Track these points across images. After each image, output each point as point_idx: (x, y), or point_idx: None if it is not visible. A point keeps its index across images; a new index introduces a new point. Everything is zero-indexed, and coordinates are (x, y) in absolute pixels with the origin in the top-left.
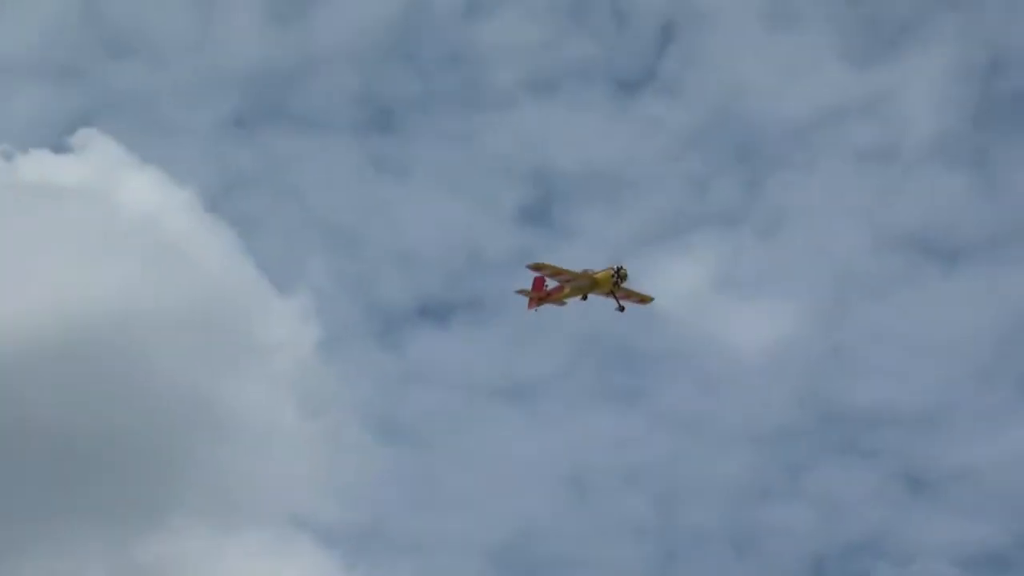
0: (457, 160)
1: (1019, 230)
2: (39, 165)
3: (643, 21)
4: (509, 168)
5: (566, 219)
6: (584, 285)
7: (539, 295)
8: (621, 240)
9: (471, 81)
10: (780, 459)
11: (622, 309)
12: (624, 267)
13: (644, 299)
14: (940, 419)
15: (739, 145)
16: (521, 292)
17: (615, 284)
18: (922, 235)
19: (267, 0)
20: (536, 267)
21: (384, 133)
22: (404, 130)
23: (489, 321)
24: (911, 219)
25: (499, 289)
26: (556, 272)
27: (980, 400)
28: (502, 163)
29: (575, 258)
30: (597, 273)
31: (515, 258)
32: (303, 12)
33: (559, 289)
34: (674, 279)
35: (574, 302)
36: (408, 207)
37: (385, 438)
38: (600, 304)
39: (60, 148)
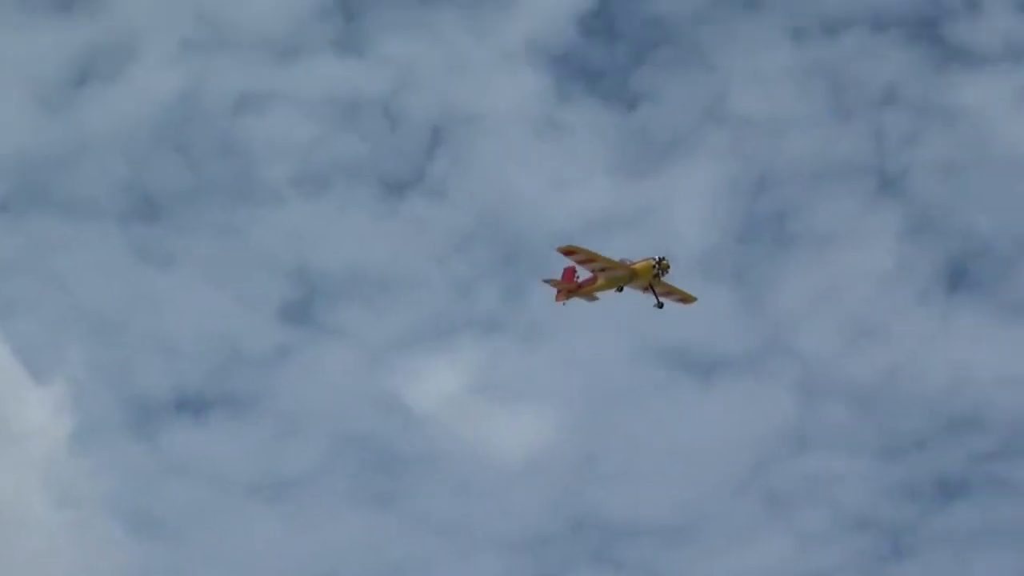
0: (223, 254)
1: (776, 347)
2: None
3: (414, 123)
4: (274, 264)
5: (329, 318)
6: (621, 276)
7: (569, 287)
8: (383, 341)
9: (240, 175)
10: (533, 566)
11: (660, 305)
12: (666, 258)
13: (686, 298)
14: (692, 531)
15: (505, 251)
16: (549, 282)
17: (655, 277)
18: (681, 348)
19: (35, 85)
20: (567, 251)
21: (150, 223)
22: (171, 221)
23: (247, 417)
24: (671, 331)
25: (259, 385)
26: (590, 258)
27: (732, 513)
28: (267, 259)
29: (336, 358)
30: (636, 263)
31: (275, 355)
32: (72, 99)
33: (591, 280)
34: (434, 382)
35: (608, 296)
36: (171, 299)
37: (137, 532)
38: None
39: None
